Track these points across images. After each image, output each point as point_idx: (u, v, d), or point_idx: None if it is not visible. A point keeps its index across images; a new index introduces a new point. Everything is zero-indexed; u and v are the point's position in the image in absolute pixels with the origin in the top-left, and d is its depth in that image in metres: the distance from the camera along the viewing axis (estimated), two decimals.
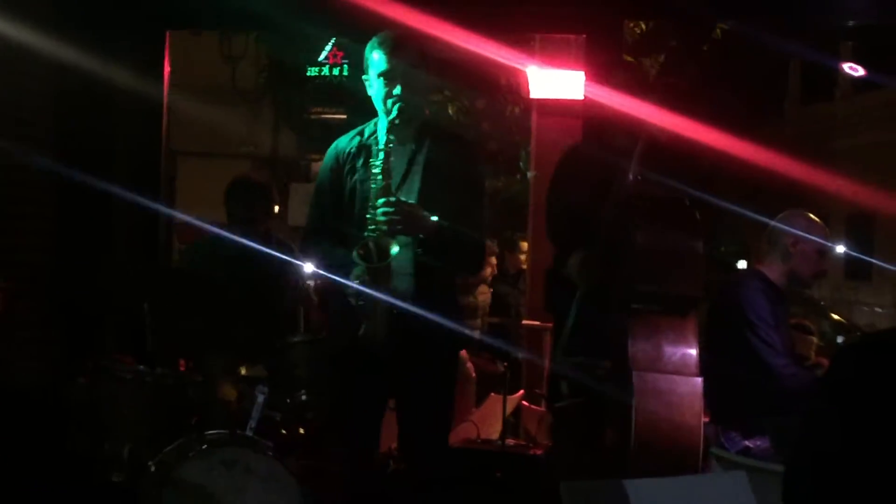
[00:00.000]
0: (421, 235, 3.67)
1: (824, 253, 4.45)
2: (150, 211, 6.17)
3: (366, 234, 3.64)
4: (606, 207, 4.06)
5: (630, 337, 3.85)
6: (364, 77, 3.81)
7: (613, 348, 3.90)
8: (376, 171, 3.66)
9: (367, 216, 3.65)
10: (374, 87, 3.78)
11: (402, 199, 3.66)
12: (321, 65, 8.72)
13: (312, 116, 12.18)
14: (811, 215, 4.54)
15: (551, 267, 4.41)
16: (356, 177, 3.78)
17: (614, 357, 3.92)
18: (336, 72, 8.71)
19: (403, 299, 3.68)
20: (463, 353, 5.86)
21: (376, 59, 3.75)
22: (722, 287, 4.63)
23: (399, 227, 3.61)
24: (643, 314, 3.85)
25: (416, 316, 3.66)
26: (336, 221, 3.84)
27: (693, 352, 3.87)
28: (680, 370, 3.85)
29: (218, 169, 11.87)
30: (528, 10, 5.63)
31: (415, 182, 3.77)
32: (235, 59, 12.81)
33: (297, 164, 13.53)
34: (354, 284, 3.64)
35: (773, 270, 4.46)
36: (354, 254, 3.62)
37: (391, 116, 3.70)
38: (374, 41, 3.79)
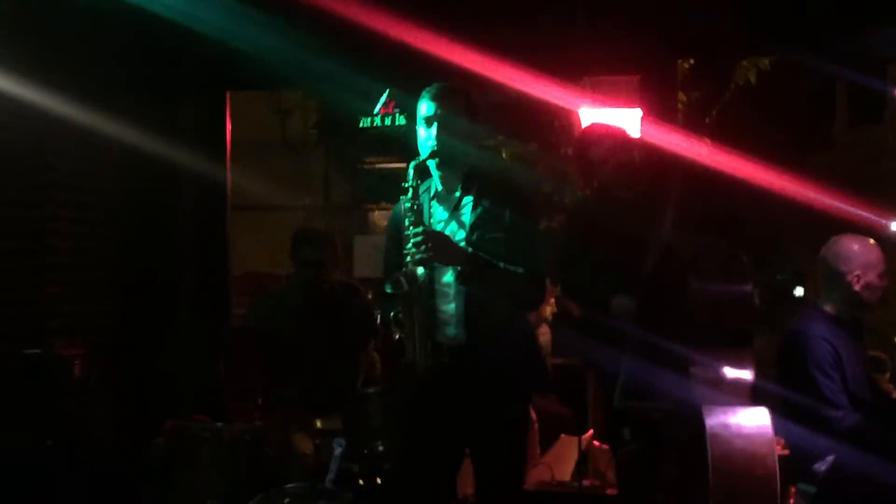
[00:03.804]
0: (458, 267, 3.65)
1: (884, 274, 4.41)
2: (218, 269, 6.26)
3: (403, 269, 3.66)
4: (647, 257, 4.13)
5: (691, 373, 3.89)
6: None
7: (672, 390, 3.92)
8: (406, 206, 3.68)
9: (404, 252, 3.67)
10: (418, 135, 3.79)
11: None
12: (374, 116, 8.75)
13: (366, 167, 12.20)
14: (860, 237, 4.48)
15: (580, 319, 4.48)
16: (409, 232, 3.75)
17: (673, 399, 3.95)
18: (388, 122, 8.73)
19: (453, 327, 3.71)
20: None
21: (422, 107, 3.77)
22: (787, 331, 4.57)
23: (428, 253, 3.59)
24: (702, 350, 3.90)
25: (481, 352, 3.68)
26: None
27: (749, 377, 3.91)
28: (738, 393, 3.88)
29: (272, 222, 11.94)
30: (581, 52, 5.64)
31: (457, 224, 3.76)
32: (286, 113, 12.88)
33: (351, 213, 13.56)
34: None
35: (837, 307, 4.44)
36: (387, 286, 3.64)
37: (421, 157, 3.71)
38: (423, 93, 3.81)
